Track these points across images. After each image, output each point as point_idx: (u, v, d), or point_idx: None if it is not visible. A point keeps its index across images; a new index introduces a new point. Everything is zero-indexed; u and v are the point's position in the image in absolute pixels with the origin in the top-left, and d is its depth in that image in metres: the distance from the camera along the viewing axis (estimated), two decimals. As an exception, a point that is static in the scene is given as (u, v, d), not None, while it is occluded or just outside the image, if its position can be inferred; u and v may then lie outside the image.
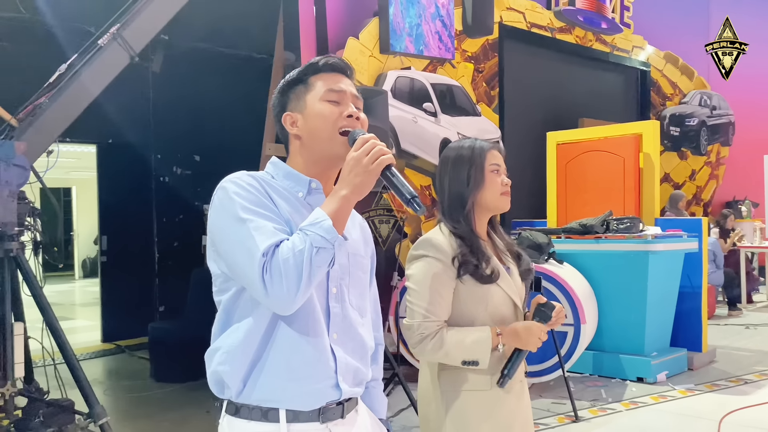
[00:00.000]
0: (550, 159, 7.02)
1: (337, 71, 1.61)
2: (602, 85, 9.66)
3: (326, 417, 1.53)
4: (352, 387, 1.57)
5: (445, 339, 1.96)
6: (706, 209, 11.14)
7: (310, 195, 1.58)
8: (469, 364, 1.97)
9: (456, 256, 2.02)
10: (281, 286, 1.36)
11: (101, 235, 8.18)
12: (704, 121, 10.86)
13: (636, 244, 5.56)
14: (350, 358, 1.57)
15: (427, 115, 6.69)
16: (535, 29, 8.31)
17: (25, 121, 3.67)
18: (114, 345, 7.64)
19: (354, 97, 1.60)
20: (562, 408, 4.86)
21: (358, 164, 1.43)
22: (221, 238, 1.49)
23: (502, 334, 2.00)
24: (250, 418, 1.50)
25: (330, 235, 1.39)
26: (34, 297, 3.63)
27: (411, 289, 2.04)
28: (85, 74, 3.76)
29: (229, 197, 1.47)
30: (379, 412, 1.79)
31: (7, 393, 3.51)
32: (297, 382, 1.48)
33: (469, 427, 2.01)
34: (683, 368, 5.94)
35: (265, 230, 1.41)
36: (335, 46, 6.08)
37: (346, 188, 1.43)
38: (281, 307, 1.40)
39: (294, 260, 1.36)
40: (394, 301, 5.55)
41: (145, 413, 5.07)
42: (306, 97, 1.58)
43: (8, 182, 3.50)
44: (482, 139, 2.18)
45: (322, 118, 1.55)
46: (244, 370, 1.49)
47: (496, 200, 2.09)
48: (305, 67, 1.62)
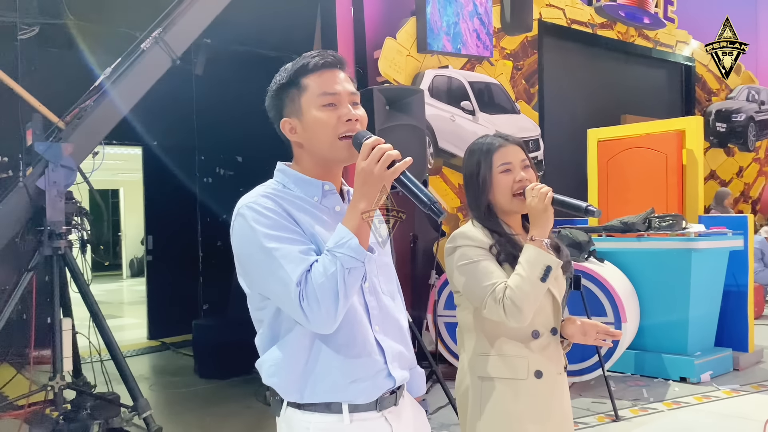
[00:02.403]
0: (591, 156, 6.95)
1: (329, 68, 1.56)
2: (645, 82, 9.50)
3: (382, 405, 1.57)
4: (402, 372, 1.62)
5: (512, 285, 1.93)
6: (754, 207, 10.86)
7: (325, 197, 1.59)
8: (547, 274, 1.92)
9: (493, 245, 2.03)
10: (320, 310, 1.39)
11: (147, 235, 8.37)
12: (752, 117, 10.58)
13: (679, 242, 5.47)
14: (394, 343, 1.61)
15: (465, 113, 6.69)
16: (576, 25, 8.23)
17: (71, 123, 3.80)
18: (159, 342, 7.81)
19: (349, 95, 1.56)
20: (602, 407, 4.81)
21: (370, 175, 1.41)
22: (251, 269, 1.51)
23: (533, 237, 1.97)
24: (314, 410, 1.53)
25: (359, 254, 1.41)
26: (81, 294, 3.76)
27: (460, 278, 2.04)
28: (128, 78, 3.87)
29: (250, 226, 1.47)
30: (416, 391, 1.81)
31: (56, 386, 3.65)
32: (355, 382, 1.53)
33: (504, 415, 2.02)
34: (728, 368, 5.81)
35: (292, 257, 1.43)
36: (373, 46, 6.12)
37: (363, 201, 1.42)
38: (324, 329, 1.44)
39: (328, 284, 1.39)
40: (432, 300, 5.56)
41: (188, 408, 5.19)
42: (301, 101, 1.55)
43: (56, 182, 3.63)
44: (498, 134, 2.14)
45: (321, 126, 1.53)
46: (295, 379, 1.52)
47: (508, 203, 2.06)
48: (294, 69, 1.57)
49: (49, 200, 3.62)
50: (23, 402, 3.74)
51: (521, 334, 2.04)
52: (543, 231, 1.96)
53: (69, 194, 3.80)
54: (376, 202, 1.43)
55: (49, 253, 3.69)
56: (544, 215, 1.95)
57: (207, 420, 4.90)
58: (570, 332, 2.12)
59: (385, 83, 6.03)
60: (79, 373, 4.13)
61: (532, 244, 1.95)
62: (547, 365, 2.06)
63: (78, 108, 3.80)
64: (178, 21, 3.99)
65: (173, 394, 5.66)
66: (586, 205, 1.95)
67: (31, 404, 3.75)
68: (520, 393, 2.02)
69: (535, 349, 2.04)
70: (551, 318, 2.10)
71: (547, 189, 1.96)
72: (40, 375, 4.12)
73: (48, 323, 3.84)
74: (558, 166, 7.51)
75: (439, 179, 6.54)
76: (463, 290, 2.06)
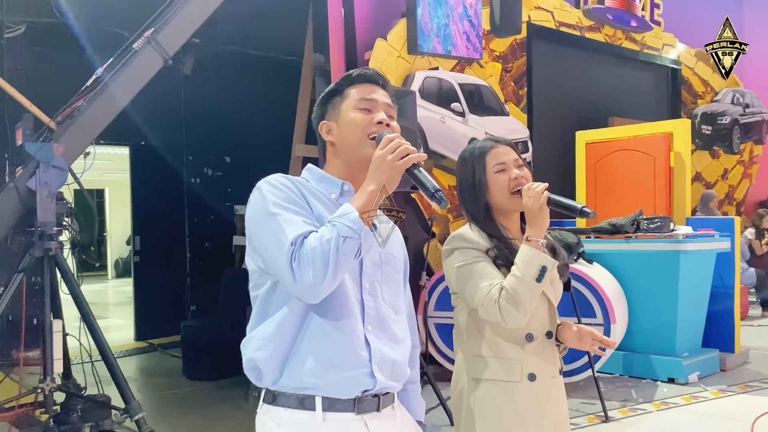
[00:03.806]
0: (580, 158, 6.99)
1: (371, 82, 1.70)
2: (632, 84, 9.57)
3: (361, 408, 1.56)
4: (388, 380, 1.60)
5: (507, 285, 1.94)
6: (738, 209, 10.98)
7: (342, 196, 1.64)
8: (542, 274, 1.92)
9: (490, 248, 2.04)
10: (308, 273, 1.41)
11: (134, 235, 8.32)
12: (737, 120, 10.69)
13: (667, 244, 5.52)
14: (386, 349, 1.60)
15: (455, 115, 6.70)
16: (564, 28, 8.27)
17: (63, 123, 3.77)
18: (147, 343, 7.77)
19: (386, 106, 1.68)
20: (592, 408, 4.84)
21: (383, 161, 1.50)
22: (255, 234, 1.56)
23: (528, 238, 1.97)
24: (287, 405, 1.54)
25: (356, 225, 1.44)
26: (72, 295, 3.73)
27: (457, 280, 2.05)
28: (120, 77, 3.84)
29: (262, 195, 1.55)
30: (417, 414, 1.82)
31: (46, 388, 3.61)
32: (332, 369, 1.52)
33: (497, 417, 2.03)
34: (715, 369, 5.87)
35: (293, 222, 1.48)
36: (363, 47, 6.12)
37: (373, 183, 1.50)
38: (308, 295, 1.45)
39: (321, 249, 1.42)
40: (423, 301, 5.57)
41: (177, 410, 5.16)
42: (341, 107, 1.67)
43: (47, 183, 3.60)
44: (489, 138, 2.17)
45: (354, 124, 1.64)
46: (279, 357, 1.54)
47: (506, 202, 2.07)
48: (342, 79, 1.71)
49: (40, 201, 3.59)
50: (12, 404, 3.70)
51: (516, 337, 2.05)
52: (539, 231, 1.97)
53: (60, 195, 3.77)
54: (385, 187, 1.51)
55: (40, 255, 3.66)
56: (540, 215, 1.96)
57: (197, 422, 4.87)
58: (565, 337, 2.13)
59: (376, 84, 6.02)
60: (69, 375, 4.10)
61: (528, 245, 1.96)
62: (541, 368, 2.07)
63: (70, 108, 3.77)
64: (170, 21, 3.97)
65: (161, 396, 5.62)
66: (582, 206, 1.96)
67: (19, 406, 3.71)
68: (513, 395, 2.04)
69: (529, 352, 2.05)
70: (547, 321, 2.11)
71: (543, 188, 1.97)
72: (29, 377, 4.08)
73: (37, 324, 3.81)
74: (546, 168, 7.54)
75: (429, 181, 6.53)
76: (460, 291, 2.07)
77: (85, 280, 4.13)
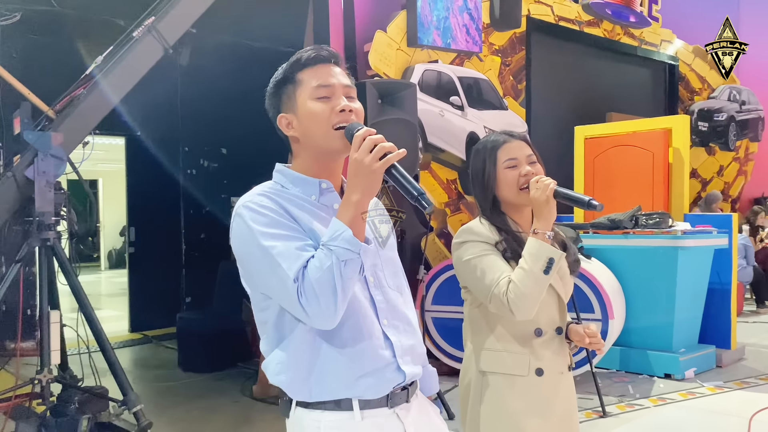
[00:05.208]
0: (578, 153, 6.97)
1: (323, 62, 1.57)
2: (630, 80, 9.57)
3: (393, 402, 1.55)
4: (413, 367, 1.59)
5: (515, 278, 1.93)
6: (734, 206, 11.01)
7: (323, 195, 1.58)
8: (550, 266, 1.92)
9: (499, 241, 2.04)
10: (319, 305, 1.38)
11: (129, 226, 8.27)
12: (733, 116, 10.71)
13: (665, 240, 5.52)
14: (404, 337, 1.59)
15: (454, 108, 6.68)
16: (563, 22, 8.26)
17: (62, 112, 3.72)
18: (141, 335, 7.74)
19: (345, 88, 1.56)
20: (589, 403, 4.84)
21: (361, 166, 1.39)
22: (251, 268, 1.51)
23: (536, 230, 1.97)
24: (324, 408, 1.51)
25: (353, 246, 1.38)
26: (70, 286, 3.70)
27: (466, 273, 2.05)
28: (120, 66, 3.80)
29: (247, 226, 1.47)
30: (432, 388, 1.81)
31: (43, 380, 3.58)
32: (362, 378, 1.51)
33: (503, 410, 2.04)
34: (712, 365, 5.89)
35: (289, 254, 1.42)
36: (363, 39, 6.09)
37: (356, 192, 1.41)
38: (325, 324, 1.43)
39: (325, 278, 1.37)
40: (420, 295, 5.55)
41: (173, 402, 5.13)
42: (296, 96, 1.56)
43: (45, 173, 3.56)
44: (504, 132, 2.17)
45: (315, 117, 1.52)
46: (302, 377, 1.50)
47: (515, 197, 2.08)
48: (290, 64, 1.59)
49: (38, 190, 3.54)
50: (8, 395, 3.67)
51: (525, 331, 2.06)
52: (546, 223, 1.96)
53: (57, 185, 3.73)
54: (368, 193, 1.41)
55: (38, 245, 3.62)
56: (546, 207, 1.96)
57: (192, 414, 4.85)
58: (572, 334, 2.13)
59: (375, 77, 6.00)
60: (66, 366, 4.06)
61: (535, 237, 1.96)
62: (549, 364, 2.07)
63: (69, 96, 3.72)
64: (171, 9, 3.92)
65: (156, 388, 5.60)
66: (589, 199, 1.96)
67: (16, 397, 3.68)
68: (520, 389, 2.04)
69: (538, 347, 2.05)
70: (556, 317, 2.11)
71: (550, 181, 1.98)
72: (26, 368, 4.05)
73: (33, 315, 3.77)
74: (545, 163, 7.49)
75: (428, 174, 6.52)
76: (469, 285, 2.07)
77: (79, 270, 4.09)
